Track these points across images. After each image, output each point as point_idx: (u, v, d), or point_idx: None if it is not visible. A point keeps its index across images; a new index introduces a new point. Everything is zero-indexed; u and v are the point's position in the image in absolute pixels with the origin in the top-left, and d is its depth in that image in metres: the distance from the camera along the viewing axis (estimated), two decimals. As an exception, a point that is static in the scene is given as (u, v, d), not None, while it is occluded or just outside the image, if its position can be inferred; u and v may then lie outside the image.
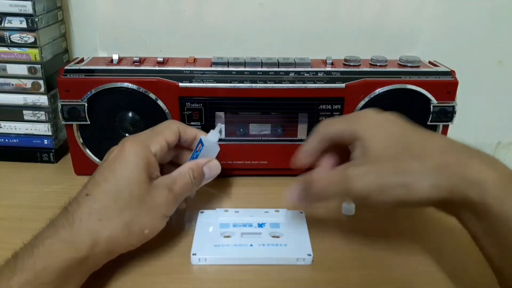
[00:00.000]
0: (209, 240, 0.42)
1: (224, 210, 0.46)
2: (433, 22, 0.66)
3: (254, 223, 0.44)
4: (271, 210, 0.46)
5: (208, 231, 0.43)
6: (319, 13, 0.64)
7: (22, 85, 0.55)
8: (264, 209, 0.46)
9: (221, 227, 0.44)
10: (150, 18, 0.64)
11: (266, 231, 0.43)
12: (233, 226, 0.44)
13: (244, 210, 0.46)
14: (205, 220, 0.45)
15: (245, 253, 0.40)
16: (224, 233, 0.43)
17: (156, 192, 0.38)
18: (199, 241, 0.42)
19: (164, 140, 0.41)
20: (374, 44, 0.66)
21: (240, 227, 0.44)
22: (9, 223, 0.46)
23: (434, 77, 0.52)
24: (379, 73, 0.53)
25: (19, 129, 0.57)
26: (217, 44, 0.65)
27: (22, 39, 0.53)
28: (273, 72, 0.52)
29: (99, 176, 0.37)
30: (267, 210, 0.46)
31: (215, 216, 0.46)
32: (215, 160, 0.43)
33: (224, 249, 0.41)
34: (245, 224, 0.44)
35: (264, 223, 0.44)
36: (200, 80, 0.51)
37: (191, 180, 0.40)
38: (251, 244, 0.41)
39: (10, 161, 0.58)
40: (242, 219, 0.45)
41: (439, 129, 0.54)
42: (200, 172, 0.41)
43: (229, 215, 0.45)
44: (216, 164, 0.43)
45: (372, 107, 0.43)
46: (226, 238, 0.42)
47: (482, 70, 0.69)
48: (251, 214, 0.45)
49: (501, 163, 0.33)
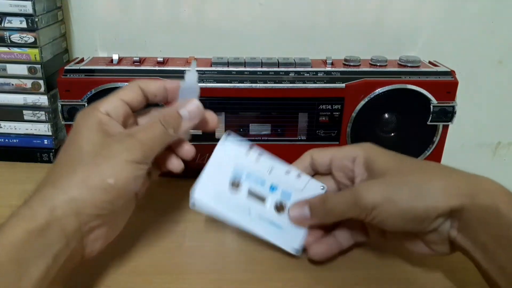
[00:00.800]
0: (216, 183, 0.41)
1: (247, 149, 0.42)
2: (433, 22, 0.66)
3: (268, 183, 0.42)
4: (294, 172, 0.42)
5: (220, 169, 0.41)
6: (319, 13, 0.64)
7: (22, 85, 0.55)
8: (288, 168, 0.43)
9: (235, 172, 0.42)
10: (150, 18, 0.64)
11: (273, 199, 0.41)
12: (246, 176, 0.42)
13: (268, 159, 0.42)
14: (224, 153, 0.42)
15: (241, 219, 0.40)
16: (234, 181, 0.41)
17: (113, 140, 0.34)
18: (207, 179, 0.41)
19: (117, 98, 0.37)
20: (374, 44, 0.66)
21: (252, 181, 0.41)
22: (9, 223, 0.45)
23: (434, 77, 0.52)
24: (379, 73, 0.53)
25: (19, 129, 0.57)
26: (217, 44, 0.65)
27: (22, 39, 0.53)
28: (273, 72, 0.52)
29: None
30: (290, 170, 0.42)
31: (235, 153, 0.42)
32: (193, 100, 0.39)
33: (225, 202, 0.40)
34: (258, 180, 0.42)
35: (276, 187, 0.42)
36: (200, 80, 0.51)
37: (160, 124, 0.36)
38: (249, 212, 0.41)
39: (10, 161, 0.58)
40: (259, 171, 0.42)
41: (439, 129, 0.54)
42: (174, 115, 0.37)
43: (249, 159, 0.42)
44: (194, 103, 0.38)
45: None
46: (233, 187, 0.41)
47: (482, 70, 0.69)
48: (271, 168, 0.42)
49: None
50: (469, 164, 0.80)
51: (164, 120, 0.36)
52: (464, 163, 0.78)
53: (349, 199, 0.36)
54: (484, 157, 0.75)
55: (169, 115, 0.37)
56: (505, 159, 0.76)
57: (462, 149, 0.74)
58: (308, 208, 0.39)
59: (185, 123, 0.38)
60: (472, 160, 0.75)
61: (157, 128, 0.36)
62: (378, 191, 0.35)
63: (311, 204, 0.39)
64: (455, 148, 0.72)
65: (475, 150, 0.74)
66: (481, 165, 0.76)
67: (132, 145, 0.34)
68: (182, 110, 0.38)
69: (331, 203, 0.38)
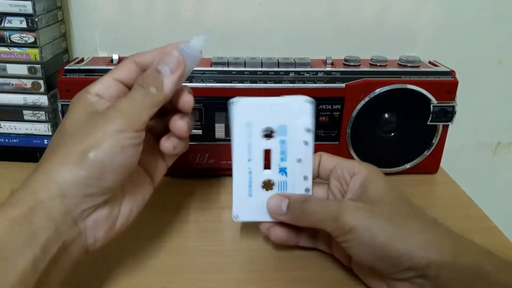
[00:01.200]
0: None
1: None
2: (433, 22, 0.65)
3: (283, 164, 0.39)
4: (305, 165, 0.39)
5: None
6: (319, 13, 0.64)
7: (22, 85, 0.55)
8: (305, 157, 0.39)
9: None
10: (150, 18, 0.64)
11: (273, 177, 0.39)
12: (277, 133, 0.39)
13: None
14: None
15: (237, 155, 0.39)
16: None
17: (95, 116, 0.32)
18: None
19: (109, 78, 0.35)
20: (374, 44, 0.66)
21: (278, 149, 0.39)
22: (9, 223, 0.45)
23: (434, 77, 0.52)
24: (379, 73, 0.53)
25: (19, 129, 0.57)
26: (217, 44, 0.64)
27: (22, 39, 0.53)
28: (273, 72, 0.52)
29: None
30: (302, 160, 0.39)
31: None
32: (171, 52, 0.35)
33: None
34: (284, 152, 0.39)
35: (286, 172, 0.39)
36: (200, 80, 0.51)
37: (139, 86, 0.33)
38: (249, 159, 0.39)
39: (10, 161, 0.58)
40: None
41: (439, 129, 0.54)
42: (152, 73, 0.34)
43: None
44: (171, 55, 0.34)
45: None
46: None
47: (482, 70, 0.69)
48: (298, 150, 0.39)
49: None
50: (469, 164, 0.80)
51: (142, 81, 0.33)
52: (464, 163, 0.78)
53: (331, 211, 0.35)
54: (484, 157, 0.75)
55: (146, 75, 0.34)
56: (505, 159, 0.76)
57: (462, 149, 0.74)
58: (286, 203, 0.38)
59: (167, 79, 0.34)
60: (472, 160, 0.75)
61: (136, 92, 0.33)
62: (363, 216, 0.34)
63: (291, 200, 0.38)
64: (455, 148, 0.72)
65: (475, 150, 0.74)
66: (481, 165, 0.76)
67: (111, 115, 0.32)
68: (159, 66, 0.34)
69: (311, 206, 0.36)
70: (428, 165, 0.56)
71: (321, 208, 0.36)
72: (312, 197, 0.38)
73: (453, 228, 0.35)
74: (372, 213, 0.34)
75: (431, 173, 0.57)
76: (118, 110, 0.32)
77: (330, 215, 0.35)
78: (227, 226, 0.46)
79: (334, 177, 0.40)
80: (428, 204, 0.51)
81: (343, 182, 0.39)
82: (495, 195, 0.76)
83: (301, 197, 0.38)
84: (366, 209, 0.34)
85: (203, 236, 0.45)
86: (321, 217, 0.36)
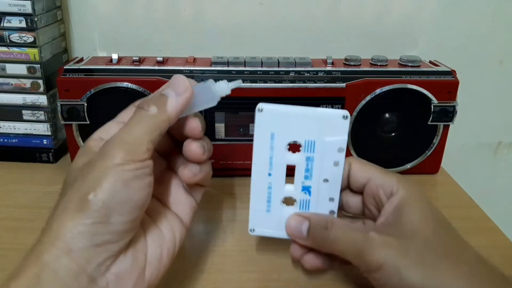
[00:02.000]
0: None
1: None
2: (434, 21, 0.65)
3: (307, 182, 0.35)
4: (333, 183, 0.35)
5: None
6: (319, 12, 0.64)
7: (21, 85, 0.55)
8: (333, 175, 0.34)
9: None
10: (150, 17, 0.63)
11: (295, 195, 0.35)
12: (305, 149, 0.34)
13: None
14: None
15: (258, 166, 0.35)
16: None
17: (95, 155, 0.29)
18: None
19: (113, 122, 0.33)
20: (374, 44, 0.65)
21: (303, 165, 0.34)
22: (9, 223, 0.45)
23: (435, 77, 0.52)
24: (380, 73, 0.52)
25: (18, 129, 0.57)
26: (217, 44, 0.64)
27: (21, 39, 0.53)
28: (273, 71, 0.52)
29: None
30: (329, 180, 0.35)
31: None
32: (176, 75, 0.32)
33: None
34: (308, 170, 0.34)
35: (309, 191, 0.35)
36: (200, 79, 0.50)
37: (138, 107, 0.30)
38: (269, 173, 0.35)
39: (9, 161, 0.58)
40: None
41: (439, 129, 0.54)
42: (155, 96, 0.31)
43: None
44: (177, 77, 0.31)
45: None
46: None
47: (483, 70, 0.69)
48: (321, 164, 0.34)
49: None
50: (470, 165, 0.80)
51: (142, 103, 0.30)
52: (465, 163, 0.78)
53: (356, 245, 0.31)
54: (484, 157, 0.75)
55: (149, 97, 0.31)
56: (506, 159, 0.76)
57: (463, 149, 0.74)
58: (307, 226, 0.33)
59: (172, 100, 0.30)
60: (473, 160, 0.75)
61: (134, 116, 0.30)
62: (391, 254, 0.30)
63: (312, 223, 0.33)
64: (456, 148, 0.72)
65: (476, 150, 0.74)
66: (482, 165, 0.76)
67: (108, 148, 0.28)
68: (165, 90, 0.31)
69: (334, 235, 0.32)
70: (428, 165, 0.56)
71: (345, 240, 0.32)
72: (335, 224, 0.33)
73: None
74: (402, 252, 0.30)
75: (431, 173, 0.57)
76: (115, 141, 0.28)
77: (355, 249, 0.31)
78: (227, 226, 0.46)
79: (368, 193, 0.34)
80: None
81: (379, 201, 0.34)
82: (496, 195, 0.76)
83: (323, 221, 0.33)
84: (396, 247, 0.30)
85: (203, 236, 0.44)
86: (345, 250, 0.32)
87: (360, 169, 0.35)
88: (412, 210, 0.32)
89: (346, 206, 0.36)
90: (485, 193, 0.59)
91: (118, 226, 0.27)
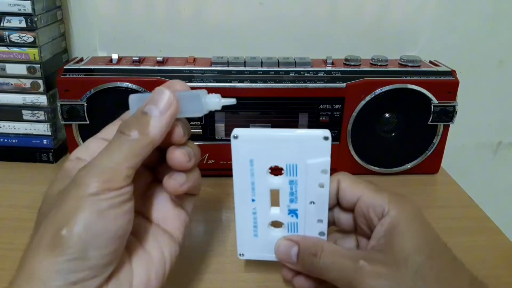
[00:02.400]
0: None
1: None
2: (434, 21, 0.65)
3: (293, 205, 0.33)
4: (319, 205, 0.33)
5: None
6: (319, 12, 0.64)
7: (21, 85, 0.55)
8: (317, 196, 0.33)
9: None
10: (150, 17, 0.63)
11: (282, 219, 0.34)
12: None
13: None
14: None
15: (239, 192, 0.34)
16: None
17: (70, 182, 0.27)
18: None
19: (94, 138, 0.31)
20: (374, 44, 0.65)
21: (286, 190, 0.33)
22: (8, 223, 0.45)
23: (435, 77, 0.52)
24: (380, 73, 0.52)
25: (18, 129, 0.57)
26: (217, 44, 0.64)
27: (21, 39, 0.53)
28: (273, 71, 0.52)
29: None
30: (315, 201, 0.33)
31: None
32: (161, 90, 0.29)
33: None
34: (292, 193, 0.33)
35: (296, 215, 0.34)
36: (200, 79, 0.50)
37: (118, 133, 0.28)
38: (252, 198, 0.34)
39: (9, 161, 0.58)
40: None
41: (440, 129, 0.54)
42: (136, 115, 0.28)
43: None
44: (162, 93, 0.28)
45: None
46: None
47: (483, 70, 0.69)
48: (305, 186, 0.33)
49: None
50: (470, 165, 0.80)
51: (123, 127, 0.28)
52: (465, 164, 0.78)
53: (346, 274, 0.30)
54: (485, 157, 0.75)
55: (128, 119, 0.28)
56: (506, 159, 0.76)
57: (463, 149, 0.74)
58: (296, 251, 0.32)
59: (154, 120, 0.27)
60: (473, 160, 0.75)
61: (113, 140, 0.27)
62: (381, 285, 0.28)
63: (301, 248, 0.32)
64: (456, 148, 0.72)
65: (476, 150, 0.74)
66: (481, 165, 0.75)
67: (82, 175, 0.26)
68: (146, 107, 0.28)
69: (323, 263, 0.31)
70: (428, 165, 0.56)
71: (335, 268, 0.30)
72: (325, 250, 0.31)
73: (453, 228, 0.34)
74: (393, 282, 0.28)
75: (431, 173, 0.57)
76: (91, 168, 0.26)
77: (345, 278, 0.30)
78: (226, 226, 0.46)
79: (359, 212, 0.33)
80: (429, 205, 0.51)
81: (370, 222, 0.32)
82: (496, 195, 0.76)
83: (313, 247, 0.31)
84: (387, 277, 0.29)
85: (203, 236, 0.44)
86: (334, 278, 0.30)
87: (350, 187, 0.33)
88: (404, 235, 0.30)
89: (338, 223, 0.35)
90: (485, 193, 0.59)
91: (96, 261, 0.25)
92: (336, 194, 0.33)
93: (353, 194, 0.33)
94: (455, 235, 0.40)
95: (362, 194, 0.32)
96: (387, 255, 0.30)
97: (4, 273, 0.26)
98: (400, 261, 0.29)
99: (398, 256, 0.29)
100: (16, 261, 0.26)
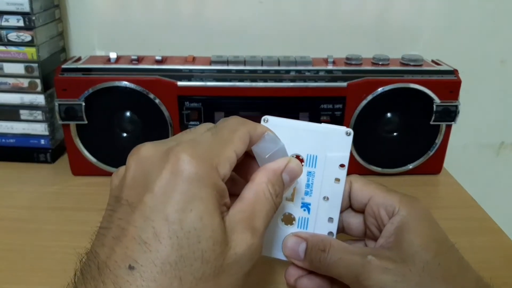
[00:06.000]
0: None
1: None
2: (436, 20, 0.65)
3: (307, 198, 0.34)
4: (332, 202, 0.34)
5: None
6: (320, 11, 0.64)
7: (19, 84, 0.55)
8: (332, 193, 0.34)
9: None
10: (149, 16, 0.63)
11: (294, 212, 0.34)
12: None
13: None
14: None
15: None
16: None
17: (235, 241, 0.25)
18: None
19: (233, 152, 0.27)
20: (376, 43, 0.65)
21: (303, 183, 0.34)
22: (7, 224, 0.45)
23: (437, 76, 0.52)
24: (381, 72, 0.52)
25: (15, 129, 0.57)
26: (216, 43, 0.64)
27: (19, 38, 0.53)
28: (274, 71, 0.51)
29: (144, 223, 0.22)
30: (328, 197, 0.34)
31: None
32: (294, 159, 0.30)
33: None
34: (308, 185, 0.34)
35: (309, 209, 0.34)
36: (199, 79, 0.50)
37: (272, 199, 0.28)
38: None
39: (7, 161, 0.57)
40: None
41: (442, 128, 0.53)
42: (280, 182, 0.29)
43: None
44: (296, 163, 0.30)
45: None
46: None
47: (485, 70, 0.68)
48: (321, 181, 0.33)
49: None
50: (473, 165, 0.80)
51: (275, 193, 0.28)
52: (467, 164, 0.78)
53: (353, 269, 0.30)
54: (487, 157, 0.75)
55: (277, 183, 0.29)
56: (509, 159, 0.75)
57: (465, 149, 0.73)
58: (304, 247, 0.32)
59: (286, 189, 0.29)
60: (475, 160, 0.74)
61: (270, 207, 0.28)
62: (389, 280, 0.29)
63: (309, 244, 0.32)
64: (458, 148, 0.72)
65: (478, 150, 0.74)
66: (484, 166, 0.75)
67: (254, 249, 0.26)
68: (284, 175, 0.29)
69: (331, 259, 0.31)
70: (431, 165, 0.55)
71: (343, 264, 0.30)
72: (333, 246, 0.31)
73: (455, 228, 0.34)
74: (400, 277, 0.29)
75: (434, 173, 0.56)
76: (259, 238, 0.27)
77: (352, 273, 0.30)
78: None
79: (370, 213, 0.33)
80: (431, 205, 0.50)
81: (380, 221, 0.33)
82: (498, 196, 0.75)
83: (321, 243, 0.32)
84: (394, 272, 0.29)
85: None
86: (342, 273, 0.30)
87: (361, 187, 0.34)
88: (413, 232, 0.30)
89: (348, 229, 0.35)
90: (487, 194, 0.58)
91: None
92: (348, 196, 0.34)
93: (365, 195, 0.33)
94: (457, 235, 0.39)
95: (374, 194, 0.33)
96: (395, 252, 0.30)
97: (1, 274, 0.26)
98: (408, 258, 0.29)
99: (406, 253, 0.30)
100: (13, 261, 0.25)
